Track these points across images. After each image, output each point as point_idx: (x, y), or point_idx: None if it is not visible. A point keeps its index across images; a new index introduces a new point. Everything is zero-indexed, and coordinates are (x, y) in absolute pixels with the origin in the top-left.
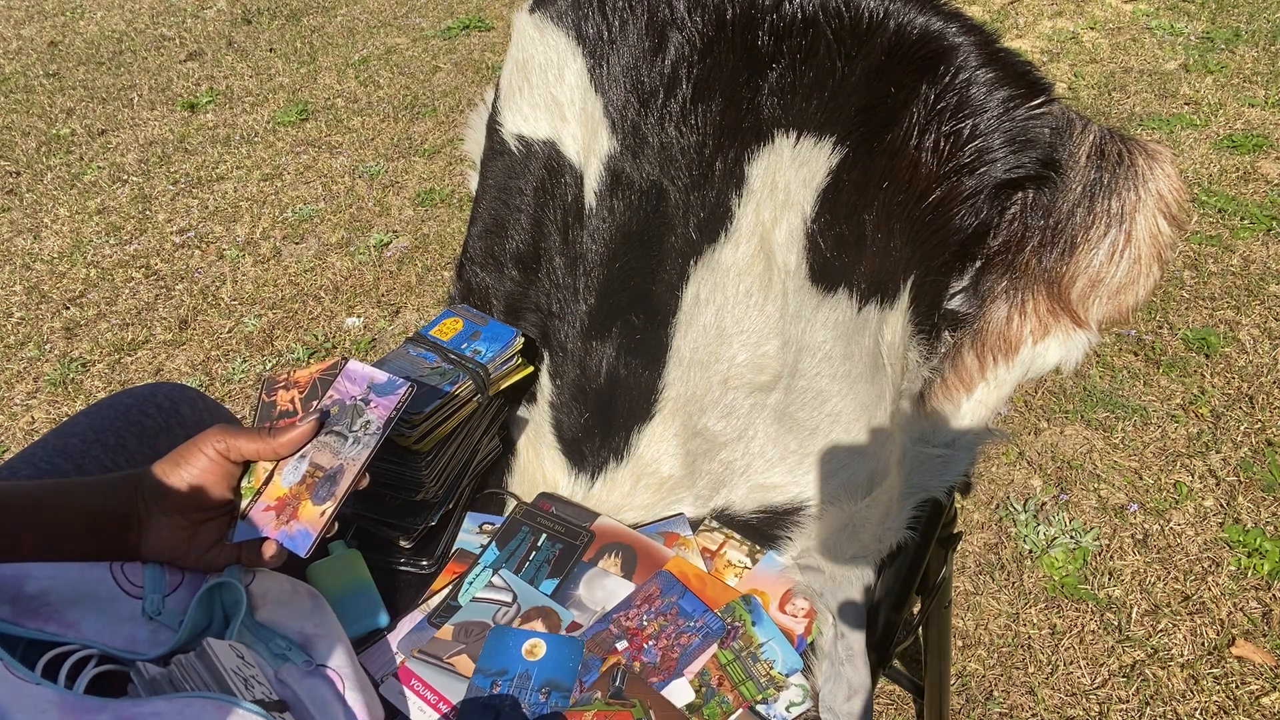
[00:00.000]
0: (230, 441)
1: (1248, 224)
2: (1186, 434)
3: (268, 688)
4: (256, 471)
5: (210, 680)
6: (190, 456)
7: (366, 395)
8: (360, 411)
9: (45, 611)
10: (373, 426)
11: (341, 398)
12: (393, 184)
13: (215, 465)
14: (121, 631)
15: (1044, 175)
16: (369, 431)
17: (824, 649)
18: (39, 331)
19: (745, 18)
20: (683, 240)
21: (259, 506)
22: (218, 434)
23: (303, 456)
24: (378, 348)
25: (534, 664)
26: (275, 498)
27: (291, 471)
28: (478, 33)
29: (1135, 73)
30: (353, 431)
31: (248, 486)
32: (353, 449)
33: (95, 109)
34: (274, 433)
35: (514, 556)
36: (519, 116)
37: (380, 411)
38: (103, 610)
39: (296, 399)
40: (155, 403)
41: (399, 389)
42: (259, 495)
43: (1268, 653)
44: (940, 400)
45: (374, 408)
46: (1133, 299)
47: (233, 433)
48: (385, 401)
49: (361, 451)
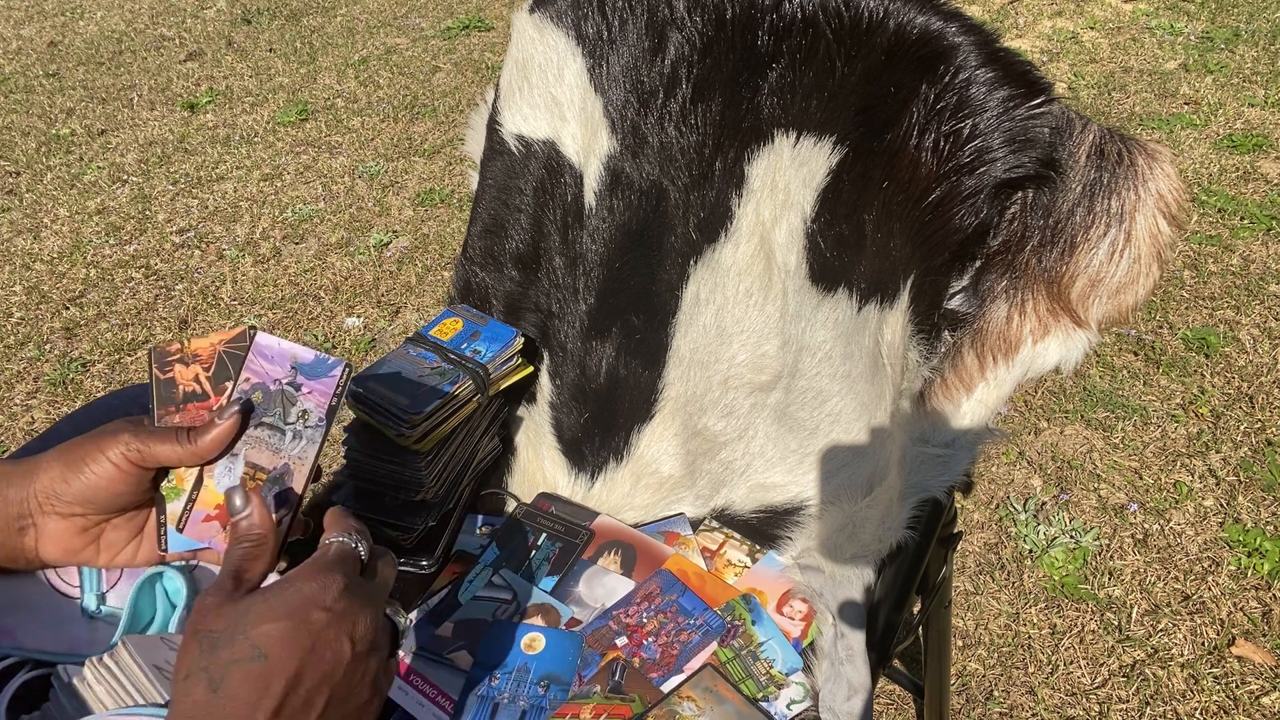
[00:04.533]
0: (142, 447)
1: (1247, 224)
2: (1186, 434)
3: None
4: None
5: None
6: (91, 458)
7: (294, 379)
8: (292, 399)
9: None
10: (313, 417)
11: (263, 381)
12: (393, 184)
13: (124, 474)
14: (61, 635)
15: (1044, 175)
16: (309, 423)
17: (824, 649)
18: (39, 331)
19: (745, 18)
20: (683, 240)
21: (197, 516)
22: (126, 436)
23: (234, 455)
24: (378, 348)
25: (533, 658)
26: (215, 505)
27: (225, 473)
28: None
29: (1135, 72)
30: (289, 424)
31: (170, 487)
32: (294, 444)
33: (95, 109)
34: (191, 434)
35: (514, 556)
36: (519, 116)
37: (318, 399)
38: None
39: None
40: (141, 404)
41: (334, 370)
42: (191, 501)
43: (1268, 652)
44: (940, 400)
45: (308, 394)
46: (1133, 298)
47: (143, 435)
48: (320, 386)
49: (307, 448)
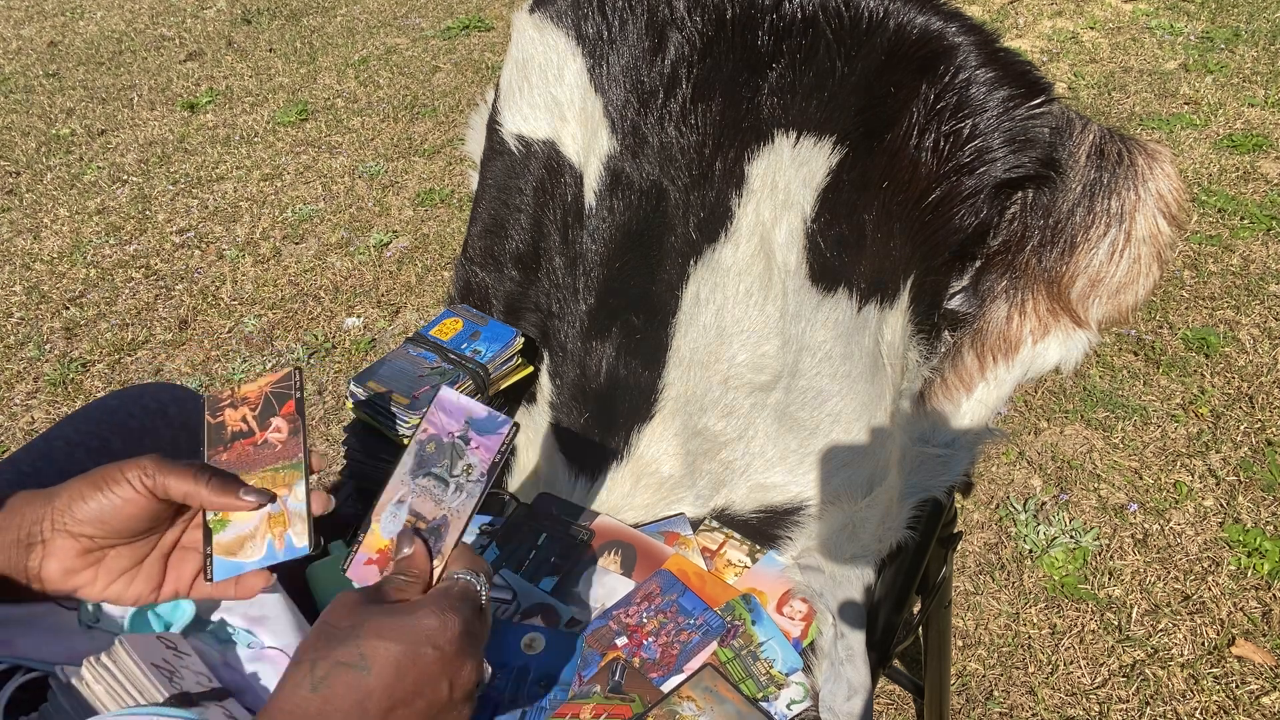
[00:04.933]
0: (160, 478)
1: (1247, 224)
2: (1186, 434)
3: (204, 676)
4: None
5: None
6: (112, 481)
7: (465, 432)
8: (460, 452)
9: None
10: (476, 472)
11: (438, 433)
12: (393, 184)
13: (139, 498)
14: (61, 646)
15: (1044, 175)
16: (472, 478)
17: (824, 649)
18: (39, 331)
19: (745, 18)
20: (683, 240)
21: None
22: (149, 465)
23: (401, 502)
24: (378, 348)
25: (532, 658)
26: (377, 550)
27: (390, 520)
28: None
29: (1135, 72)
30: (454, 477)
31: (217, 520)
32: (455, 497)
33: (95, 109)
34: (209, 480)
35: (514, 556)
36: (519, 116)
37: (484, 454)
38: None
39: (249, 416)
40: (141, 404)
41: (502, 428)
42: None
43: (1268, 652)
44: (940, 400)
45: (475, 448)
46: (1132, 298)
47: (165, 468)
48: (488, 442)
49: (466, 502)
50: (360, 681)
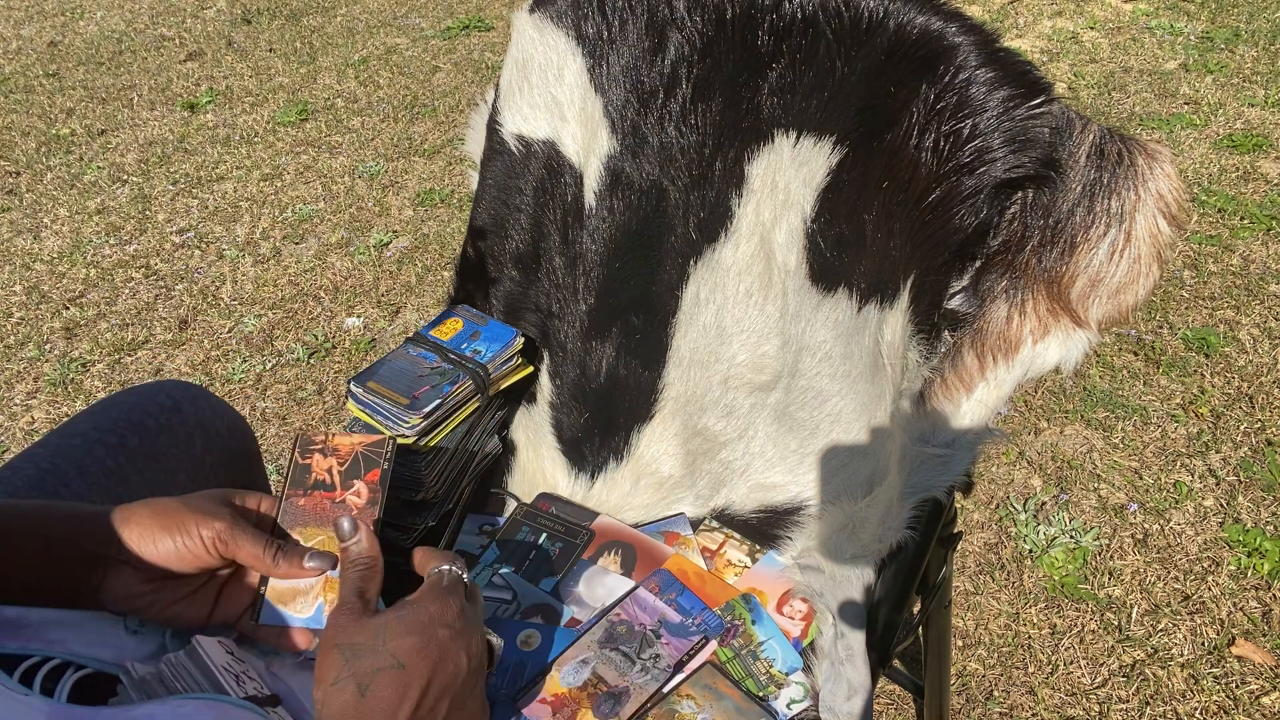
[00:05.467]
0: (233, 545)
1: (1247, 224)
2: (1186, 434)
3: (259, 682)
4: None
5: (201, 678)
6: (185, 529)
7: (658, 629)
8: (650, 642)
9: (25, 633)
10: (662, 663)
11: (630, 620)
12: (393, 184)
13: (207, 552)
14: (107, 645)
15: (1044, 175)
16: (658, 666)
17: (824, 649)
18: (39, 331)
19: (745, 17)
20: (683, 240)
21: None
22: (223, 530)
23: (585, 662)
24: (378, 348)
25: (528, 654)
26: (553, 694)
27: (572, 673)
28: (478, 33)
29: (1135, 72)
30: (641, 659)
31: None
32: (639, 676)
33: (95, 109)
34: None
35: (514, 556)
36: (519, 116)
37: (672, 652)
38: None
39: (335, 470)
40: (157, 401)
41: (692, 635)
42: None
43: (1268, 652)
44: (940, 400)
45: (665, 644)
46: (1132, 298)
47: (238, 535)
48: (678, 644)
49: (649, 683)
50: (399, 677)
